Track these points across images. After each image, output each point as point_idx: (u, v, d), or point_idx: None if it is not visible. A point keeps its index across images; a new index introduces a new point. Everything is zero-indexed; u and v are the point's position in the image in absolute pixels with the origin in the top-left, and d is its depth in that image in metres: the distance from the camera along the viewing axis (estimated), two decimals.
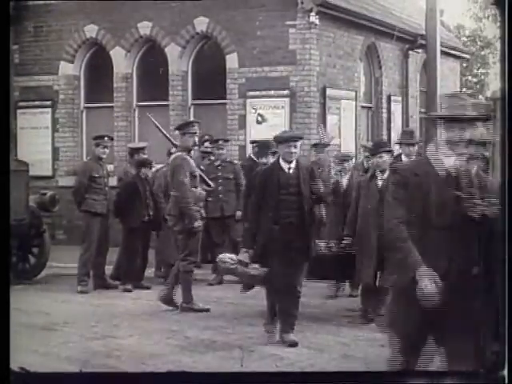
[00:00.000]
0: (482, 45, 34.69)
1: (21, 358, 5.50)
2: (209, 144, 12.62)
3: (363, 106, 16.69)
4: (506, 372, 4.05)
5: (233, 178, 11.65)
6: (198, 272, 11.64)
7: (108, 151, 11.71)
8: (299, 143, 8.11)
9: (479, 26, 34.87)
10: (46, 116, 16.10)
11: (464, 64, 27.17)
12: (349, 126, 15.57)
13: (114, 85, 15.71)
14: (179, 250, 9.93)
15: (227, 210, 11.57)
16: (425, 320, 4.64)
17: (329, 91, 14.95)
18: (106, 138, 11.67)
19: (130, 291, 11.01)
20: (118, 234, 11.56)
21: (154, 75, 15.68)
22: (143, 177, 11.39)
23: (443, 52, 17.84)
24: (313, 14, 14.34)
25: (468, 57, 23.54)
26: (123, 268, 11.29)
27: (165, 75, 15.33)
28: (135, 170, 11.49)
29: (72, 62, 15.98)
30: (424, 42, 16.88)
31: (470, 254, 4.62)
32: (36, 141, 15.92)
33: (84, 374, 6.03)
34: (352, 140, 15.25)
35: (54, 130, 16.10)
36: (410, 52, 18.07)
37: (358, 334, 8.42)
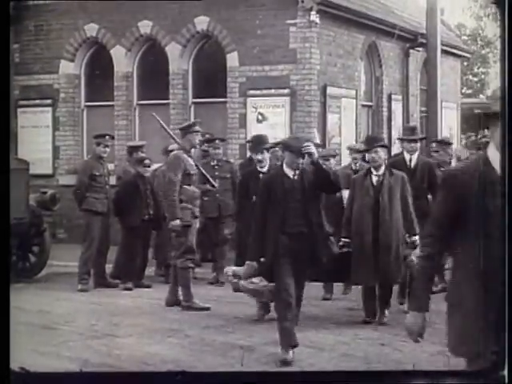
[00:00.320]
0: (483, 44, 34.73)
1: (21, 357, 5.49)
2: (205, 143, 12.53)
3: (364, 105, 16.68)
4: (506, 372, 4.05)
5: (229, 177, 11.48)
6: (198, 271, 11.67)
7: (109, 150, 11.70)
8: None
9: (480, 25, 34.90)
10: (47, 115, 16.10)
11: (464, 63, 27.17)
12: (349, 125, 15.56)
13: (115, 83, 15.70)
14: (173, 248, 9.94)
15: (224, 210, 11.39)
16: None
17: (329, 90, 14.94)
18: (106, 136, 11.67)
19: (130, 290, 11.01)
20: (118, 232, 11.55)
21: (154, 74, 15.68)
22: (143, 175, 11.38)
23: (444, 51, 17.84)
24: (313, 12, 14.34)
25: (468, 56, 23.52)
26: (124, 267, 11.28)
27: (165, 74, 15.33)
28: (134, 168, 11.48)
29: (72, 60, 15.98)
30: (424, 41, 16.89)
31: None
32: (36, 139, 15.92)
33: (84, 374, 6.02)
34: (352, 139, 15.22)
35: (55, 128, 16.10)
36: (411, 51, 18.05)
37: (357, 333, 8.41)
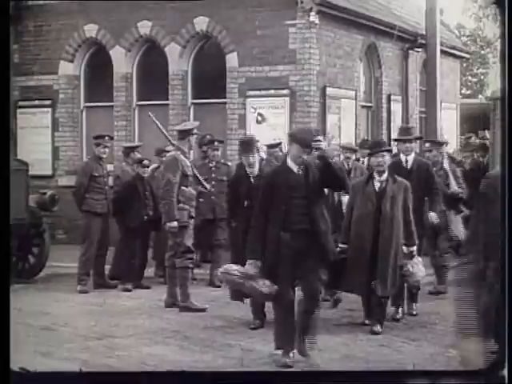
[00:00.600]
0: (482, 44, 34.76)
1: (21, 357, 5.49)
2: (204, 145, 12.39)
3: (363, 106, 16.67)
4: (506, 372, 4.05)
5: (226, 179, 11.17)
6: (197, 272, 11.66)
7: (108, 151, 11.71)
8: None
9: (479, 26, 34.96)
10: (46, 115, 16.09)
11: (464, 63, 27.19)
12: (349, 126, 15.56)
13: (114, 84, 15.70)
14: (169, 249, 9.93)
15: (219, 212, 11.16)
16: None
17: (329, 90, 14.94)
18: (106, 137, 11.68)
19: (129, 291, 11.01)
20: (117, 233, 11.55)
21: (153, 74, 15.68)
22: (142, 176, 11.37)
23: (443, 51, 17.84)
24: (313, 13, 14.33)
25: (468, 56, 23.54)
26: (123, 268, 11.28)
27: (165, 74, 15.33)
28: (131, 168, 11.49)
29: (72, 61, 15.98)
30: (424, 42, 16.88)
31: None
32: (36, 140, 15.91)
33: (84, 374, 6.02)
34: (352, 139, 15.20)
35: (54, 129, 16.09)
36: (410, 51, 18.05)
37: (358, 334, 8.42)
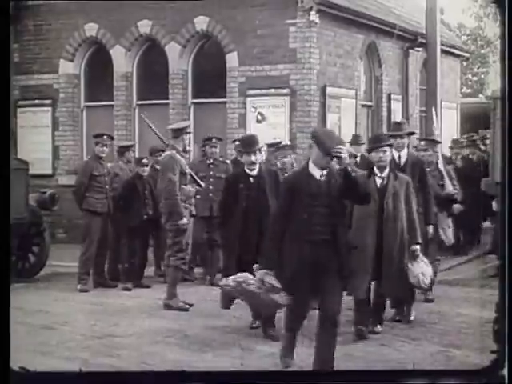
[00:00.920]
0: (483, 43, 34.74)
1: (21, 357, 5.49)
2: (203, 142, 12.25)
3: (363, 105, 16.67)
4: (506, 372, 4.05)
5: (224, 177, 10.71)
6: (197, 271, 11.67)
7: (107, 150, 11.68)
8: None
9: (479, 25, 34.92)
10: (46, 115, 16.08)
11: (464, 63, 27.16)
12: (349, 125, 15.55)
13: (114, 83, 15.69)
14: (168, 247, 9.92)
15: (216, 210, 10.78)
16: None
17: (329, 90, 14.93)
18: (105, 136, 11.66)
19: (129, 290, 11.01)
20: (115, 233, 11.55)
21: (154, 74, 15.67)
22: (142, 175, 11.38)
23: (443, 51, 17.83)
24: (313, 12, 14.32)
25: (468, 55, 23.53)
26: (123, 267, 11.29)
27: (165, 74, 15.33)
28: (128, 166, 11.50)
29: (72, 60, 15.97)
30: (424, 41, 16.87)
31: None
32: (36, 139, 15.90)
33: (84, 374, 6.02)
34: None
35: (54, 128, 16.08)
36: (410, 50, 18.04)
37: None
